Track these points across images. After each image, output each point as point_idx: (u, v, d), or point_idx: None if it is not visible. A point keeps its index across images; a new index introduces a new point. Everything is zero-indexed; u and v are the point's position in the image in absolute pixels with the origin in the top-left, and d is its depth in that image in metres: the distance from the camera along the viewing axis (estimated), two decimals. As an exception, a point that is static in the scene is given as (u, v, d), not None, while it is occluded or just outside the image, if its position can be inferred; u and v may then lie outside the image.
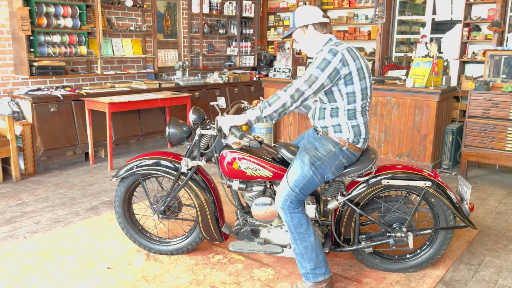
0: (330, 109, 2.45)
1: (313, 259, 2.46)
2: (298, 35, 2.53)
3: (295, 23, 2.50)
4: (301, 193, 2.44)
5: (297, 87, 2.29)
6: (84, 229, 3.41)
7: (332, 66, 2.28)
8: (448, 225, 2.69)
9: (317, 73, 2.28)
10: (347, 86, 2.36)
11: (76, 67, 5.70)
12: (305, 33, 2.49)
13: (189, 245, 2.97)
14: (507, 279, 2.76)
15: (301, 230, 2.45)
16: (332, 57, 2.28)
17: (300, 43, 2.56)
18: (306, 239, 2.45)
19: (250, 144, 2.62)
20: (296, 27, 2.50)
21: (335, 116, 2.45)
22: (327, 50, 2.32)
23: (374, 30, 7.14)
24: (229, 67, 7.87)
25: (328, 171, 2.46)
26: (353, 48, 2.38)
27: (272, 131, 6.03)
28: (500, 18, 5.79)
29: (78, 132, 5.15)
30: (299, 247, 2.47)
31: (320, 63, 2.29)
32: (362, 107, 2.45)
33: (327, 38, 2.47)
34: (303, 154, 2.48)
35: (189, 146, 2.77)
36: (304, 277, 2.51)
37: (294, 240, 2.47)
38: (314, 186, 2.47)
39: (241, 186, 2.69)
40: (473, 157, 4.76)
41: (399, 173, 2.63)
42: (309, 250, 2.45)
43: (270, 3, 8.58)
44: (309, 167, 2.42)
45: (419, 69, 4.90)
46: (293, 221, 2.45)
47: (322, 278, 2.48)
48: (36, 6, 4.93)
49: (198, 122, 2.70)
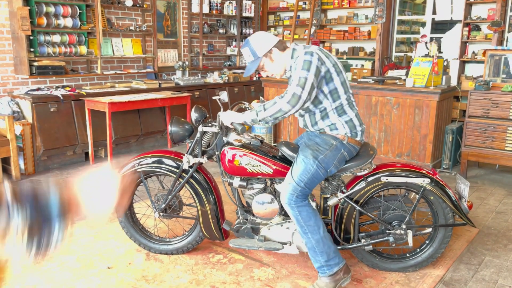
0: (319, 113, 2.50)
1: (326, 251, 2.48)
2: (265, 63, 2.54)
3: (257, 54, 2.50)
4: (306, 188, 2.46)
5: (293, 92, 2.32)
6: (84, 229, 3.41)
7: (314, 65, 2.34)
8: (447, 223, 2.70)
9: (305, 74, 2.32)
10: (328, 84, 2.42)
11: (76, 67, 5.70)
12: (272, 59, 2.52)
13: (189, 244, 2.97)
14: (507, 279, 2.77)
15: (311, 223, 2.47)
16: (311, 57, 2.35)
17: (269, 70, 2.58)
18: (316, 232, 2.47)
19: (251, 142, 2.69)
20: (261, 56, 2.50)
21: (326, 118, 2.50)
22: (303, 54, 2.37)
23: (374, 30, 7.14)
24: (229, 67, 7.86)
25: (331, 164, 2.49)
26: (321, 47, 2.47)
27: (272, 131, 6.04)
28: (500, 18, 5.79)
29: (78, 132, 5.15)
30: (310, 241, 2.48)
31: (303, 64, 2.34)
32: (347, 100, 2.50)
33: (290, 51, 2.52)
34: (306, 150, 2.51)
35: (190, 144, 2.79)
36: (320, 271, 2.52)
37: (305, 234, 2.48)
38: (318, 180, 2.50)
39: (241, 184, 2.71)
40: (473, 157, 4.76)
41: (398, 170, 2.65)
42: (320, 242, 2.47)
43: (270, 3, 8.58)
44: (313, 161, 2.45)
45: (419, 68, 4.90)
46: (302, 215, 2.46)
47: (337, 268, 2.50)
48: (36, 6, 4.92)
49: (200, 120, 2.73)
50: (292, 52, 2.50)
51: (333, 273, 2.49)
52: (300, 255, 2.99)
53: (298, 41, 8.17)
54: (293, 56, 2.49)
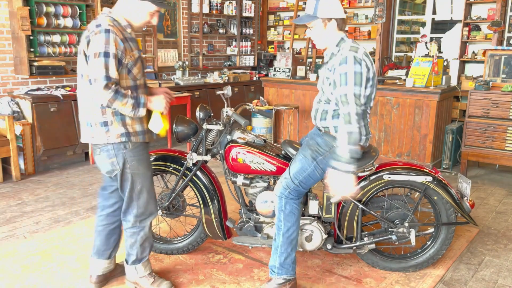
0: (332, 111, 2.44)
1: (286, 255, 2.47)
2: (317, 25, 2.35)
3: (317, 13, 2.31)
4: (300, 186, 2.45)
5: (355, 112, 2.22)
6: (84, 229, 3.41)
7: (364, 77, 2.25)
8: (450, 222, 2.70)
9: (358, 90, 2.23)
10: (365, 89, 2.31)
11: (76, 67, 5.69)
12: (326, 27, 2.34)
13: (190, 244, 2.97)
14: (507, 279, 2.77)
15: (290, 221, 2.46)
16: (360, 68, 2.24)
17: (314, 33, 2.40)
18: (289, 232, 2.46)
19: (254, 140, 2.74)
20: (318, 17, 2.32)
21: (336, 118, 2.44)
22: (351, 60, 2.23)
23: (374, 30, 7.14)
24: (229, 67, 7.87)
25: (329, 166, 2.46)
26: (366, 51, 2.37)
27: (272, 131, 6.04)
28: (500, 17, 5.79)
29: (78, 131, 5.15)
30: (279, 238, 2.47)
31: (355, 79, 2.22)
32: (364, 111, 2.40)
33: (339, 37, 2.39)
34: (306, 149, 2.50)
35: (194, 143, 2.81)
36: (271, 270, 2.52)
37: (278, 229, 2.48)
38: (314, 181, 2.49)
39: (245, 182, 2.73)
40: (473, 157, 4.76)
41: (400, 169, 2.66)
42: (286, 244, 2.47)
43: (270, 3, 8.58)
44: (311, 162, 2.44)
45: (419, 68, 4.90)
46: (286, 210, 2.45)
47: (287, 277, 2.49)
48: (36, 6, 4.92)
49: (204, 118, 2.75)
50: (339, 40, 2.38)
51: (281, 282, 2.49)
52: (300, 255, 2.99)
53: (298, 41, 8.17)
54: (338, 44, 2.38)
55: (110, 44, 2.11)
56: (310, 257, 3.00)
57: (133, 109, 2.22)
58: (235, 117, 2.67)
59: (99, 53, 2.11)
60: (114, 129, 2.27)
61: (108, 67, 2.11)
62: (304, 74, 6.01)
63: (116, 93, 2.13)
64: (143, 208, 2.45)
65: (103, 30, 2.12)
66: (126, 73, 2.23)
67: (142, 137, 2.37)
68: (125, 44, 2.20)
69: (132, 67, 2.25)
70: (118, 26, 2.21)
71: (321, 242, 2.70)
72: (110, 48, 2.11)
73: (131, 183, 2.38)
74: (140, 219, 2.47)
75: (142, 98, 2.26)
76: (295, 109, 5.84)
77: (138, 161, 2.38)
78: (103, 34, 2.11)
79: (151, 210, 2.48)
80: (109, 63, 2.11)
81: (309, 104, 5.78)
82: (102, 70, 2.10)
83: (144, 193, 2.43)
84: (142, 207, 2.45)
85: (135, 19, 2.27)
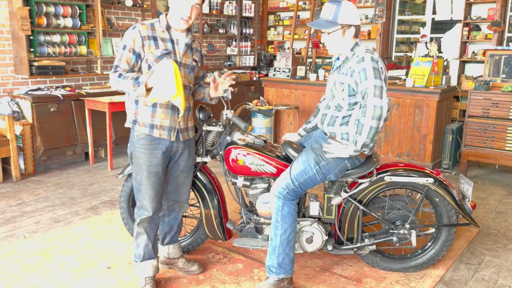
0: (341, 118, 2.45)
1: (284, 255, 2.47)
2: (335, 31, 2.35)
3: (338, 19, 2.31)
4: (299, 188, 2.46)
5: (374, 105, 2.26)
6: (84, 229, 3.41)
7: (383, 71, 2.31)
8: (451, 223, 2.70)
9: (379, 82, 2.27)
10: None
11: (76, 67, 5.70)
12: (344, 33, 2.35)
13: (191, 245, 2.97)
14: (507, 279, 2.77)
15: (287, 222, 2.46)
16: (377, 65, 2.30)
17: (331, 39, 2.39)
18: (286, 233, 2.46)
19: (254, 141, 2.72)
20: (339, 23, 2.32)
21: (344, 125, 2.45)
22: (369, 58, 2.29)
23: (374, 30, 7.14)
24: (229, 67, 7.86)
25: (331, 172, 2.48)
26: None
27: (272, 131, 6.04)
28: (500, 17, 5.79)
29: (78, 132, 5.15)
30: (276, 238, 2.47)
31: (374, 73, 2.27)
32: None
33: (354, 42, 2.41)
34: (310, 152, 2.50)
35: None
36: (268, 269, 2.52)
37: (275, 230, 2.48)
38: (314, 184, 2.49)
39: (245, 183, 2.72)
40: (473, 157, 4.77)
41: (401, 170, 2.65)
42: (284, 245, 2.47)
43: (270, 3, 8.58)
44: (313, 165, 2.44)
45: (419, 68, 4.90)
46: (283, 210, 2.46)
47: (284, 276, 2.49)
48: (36, 6, 4.92)
49: (204, 119, 2.73)
50: (354, 45, 2.40)
51: (279, 279, 2.49)
52: (300, 255, 2.99)
53: (298, 41, 8.17)
54: (353, 49, 2.39)
55: (128, 39, 2.33)
56: (310, 257, 3.00)
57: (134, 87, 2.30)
58: (234, 120, 2.64)
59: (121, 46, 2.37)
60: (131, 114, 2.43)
61: (121, 58, 2.34)
62: (304, 74, 6.01)
63: (119, 77, 2.31)
64: (139, 202, 2.49)
65: (130, 28, 2.38)
66: (147, 68, 2.36)
67: (150, 129, 2.39)
68: (147, 41, 2.32)
69: (153, 63, 2.34)
70: (151, 26, 2.36)
71: (322, 244, 2.70)
72: (128, 42, 2.33)
73: (134, 171, 2.46)
74: (137, 211, 2.51)
75: (141, 77, 2.31)
76: (295, 109, 5.84)
77: (140, 153, 2.41)
78: (127, 31, 2.37)
79: (146, 207, 2.47)
80: (122, 55, 2.34)
81: (309, 104, 5.79)
82: (116, 59, 2.37)
83: (141, 187, 2.45)
84: (139, 200, 2.49)
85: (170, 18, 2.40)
